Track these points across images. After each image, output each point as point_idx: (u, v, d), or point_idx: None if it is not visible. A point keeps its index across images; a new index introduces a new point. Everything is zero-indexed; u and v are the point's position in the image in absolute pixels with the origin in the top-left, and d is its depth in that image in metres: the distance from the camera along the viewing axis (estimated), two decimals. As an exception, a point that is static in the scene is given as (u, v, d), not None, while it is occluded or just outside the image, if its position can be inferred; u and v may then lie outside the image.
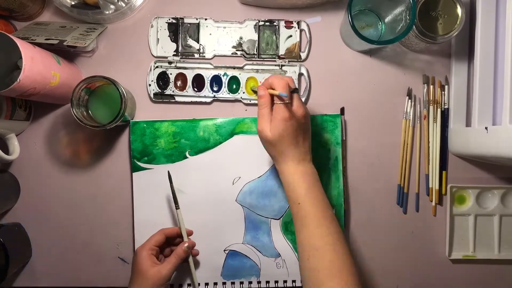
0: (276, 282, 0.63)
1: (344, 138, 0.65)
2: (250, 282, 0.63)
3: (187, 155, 0.63)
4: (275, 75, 0.53)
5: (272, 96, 0.52)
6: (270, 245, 0.63)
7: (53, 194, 0.65)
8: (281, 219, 0.64)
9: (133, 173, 0.63)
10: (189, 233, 0.63)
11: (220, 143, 0.64)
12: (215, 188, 0.63)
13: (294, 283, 0.63)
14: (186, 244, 0.59)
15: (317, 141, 0.63)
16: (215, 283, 0.63)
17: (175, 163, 0.63)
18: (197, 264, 0.63)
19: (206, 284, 0.63)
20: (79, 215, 0.65)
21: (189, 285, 0.63)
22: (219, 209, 0.63)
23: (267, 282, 0.63)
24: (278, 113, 0.50)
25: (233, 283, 0.63)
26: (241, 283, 0.63)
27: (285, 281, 0.63)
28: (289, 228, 0.63)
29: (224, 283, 0.63)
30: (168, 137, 0.63)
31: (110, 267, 0.66)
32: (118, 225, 0.65)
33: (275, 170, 0.63)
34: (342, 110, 0.65)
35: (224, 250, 0.63)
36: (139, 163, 0.63)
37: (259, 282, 0.63)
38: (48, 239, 0.65)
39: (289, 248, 0.63)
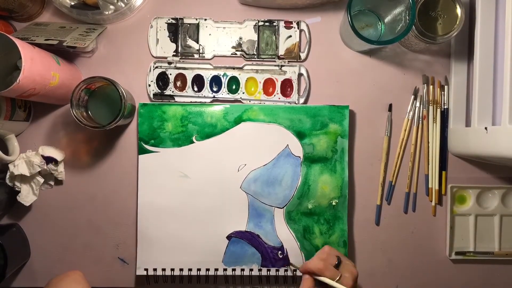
0: (277, 270, 0.63)
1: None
2: (251, 270, 0.63)
3: (194, 140, 0.63)
4: (311, 262, 0.55)
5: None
6: (273, 233, 0.63)
7: (52, 194, 0.65)
8: (284, 208, 0.63)
9: (139, 156, 0.63)
10: None
11: (227, 129, 0.63)
12: (220, 174, 0.63)
13: (295, 272, 0.63)
14: None
15: (324, 132, 0.63)
16: (216, 269, 0.63)
17: (181, 147, 0.63)
18: (198, 249, 0.63)
19: (207, 269, 0.63)
20: (78, 215, 0.65)
21: (181, 269, 0.63)
22: (223, 195, 0.63)
23: (268, 270, 0.63)
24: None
25: (234, 269, 0.63)
26: (242, 270, 0.63)
27: (285, 270, 0.63)
28: (292, 218, 0.63)
29: (225, 270, 0.63)
30: (175, 121, 0.63)
31: (110, 267, 0.65)
32: (118, 225, 0.65)
33: (281, 159, 0.63)
34: (390, 106, 0.65)
35: (227, 237, 0.63)
36: (146, 146, 0.63)
37: (260, 270, 0.63)
38: (47, 239, 0.65)
39: (292, 237, 0.63)
